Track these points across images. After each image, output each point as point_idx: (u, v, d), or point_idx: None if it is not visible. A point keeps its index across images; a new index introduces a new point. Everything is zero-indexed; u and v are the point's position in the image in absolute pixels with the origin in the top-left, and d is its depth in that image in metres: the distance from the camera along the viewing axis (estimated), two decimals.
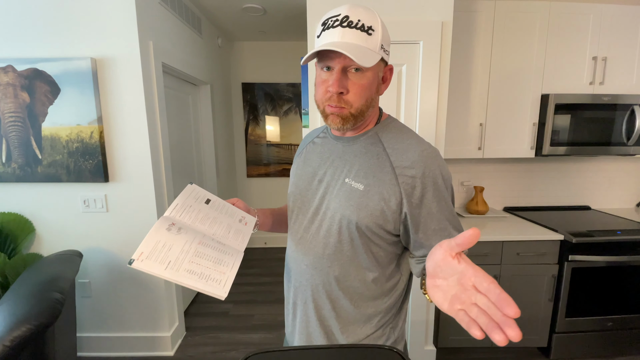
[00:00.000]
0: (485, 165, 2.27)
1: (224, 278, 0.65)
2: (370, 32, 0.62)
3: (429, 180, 0.65)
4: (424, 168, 0.65)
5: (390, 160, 0.68)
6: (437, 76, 1.56)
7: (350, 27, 0.61)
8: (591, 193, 2.36)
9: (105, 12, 1.61)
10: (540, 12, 1.84)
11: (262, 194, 3.71)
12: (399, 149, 0.68)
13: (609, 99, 1.88)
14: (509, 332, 0.36)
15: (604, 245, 1.75)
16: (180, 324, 2.11)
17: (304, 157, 0.84)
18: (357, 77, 0.64)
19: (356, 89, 0.65)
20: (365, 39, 0.62)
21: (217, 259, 0.67)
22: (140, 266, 0.60)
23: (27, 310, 1.16)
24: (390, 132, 0.72)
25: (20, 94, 1.63)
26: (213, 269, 0.65)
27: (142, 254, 0.61)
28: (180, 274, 0.62)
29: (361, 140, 0.73)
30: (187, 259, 0.64)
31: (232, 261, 0.69)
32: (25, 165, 1.70)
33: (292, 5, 2.41)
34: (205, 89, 2.72)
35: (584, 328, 1.84)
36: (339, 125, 0.68)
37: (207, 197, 0.80)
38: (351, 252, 0.71)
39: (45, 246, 1.84)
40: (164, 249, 0.64)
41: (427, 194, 0.65)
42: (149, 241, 0.64)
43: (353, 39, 0.61)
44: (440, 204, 0.66)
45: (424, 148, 0.67)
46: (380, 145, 0.71)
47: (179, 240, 0.66)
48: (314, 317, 0.76)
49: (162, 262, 0.62)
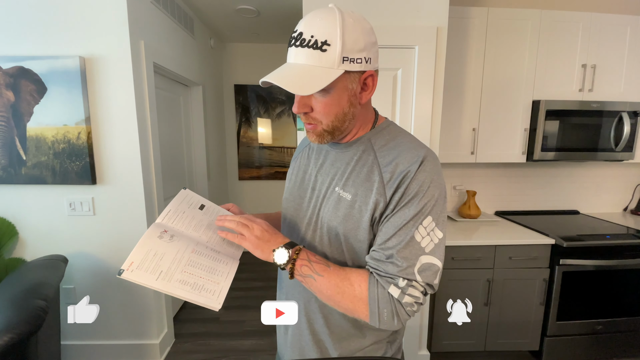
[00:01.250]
0: (477, 169, 2.29)
1: (218, 289, 0.62)
2: (324, 49, 0.56)
3: (416, 187, 0.60)
4: (413, 176, 0.61)
5: (380, 169, 0.64)
6: (432, 81, 1.56)
7: (302, 47, 0.58)
8: (580, 198, 2.40)
9: (96, 10, 1.57)
10: (532, 19, 1.87)
11: (254, 197, 3.67)
12: (390, 156, 0.65)
13: (597, 105, 1.92)
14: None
15: (594, 249, 1.77)
16: (169, 331, 2.06)
17: (299, 163, 0.82)
18: (320, 95, 0.61)
19: (320, 107, 0.62)
20: (318, 58, 0.57)
21: (211, 268, 0.64)
22: (131, 277, 0.57)
23: (9, 318, 1.10)
24: (383, 138, 0.69)
25: (4, 92, 1.57)
26: (207, 278, 0.62)
27: (132, 263, 0.59)
28: (172, 285, 0.59)
29: (353, 147, 0.70)
30: (180, 269, 0.61)
31: (226, 270, 0.66)
32: (9, 167, 1.64)
33: (286, 8, 2.40)
34: (197, 90, 2.68)
35: (574, 331, 1.86)
36: (315, 141, 0.67)
37: (201, 203, 0.77)
38: (342, 265, 0.68)
39: (29, 250, 1.77)
40: (156, 258, 0.61)
41: (409, 204, 0.60)
42: (139, 250, 0.61)
43: (304, 59, 0.58)
44: (416, 214, 0.60)
45: (416, 153, 0.63)
46: (372, 152, 0.67)
47: (171, 249, 0.63)
48: (306, 331, 0.74)
49: (154, 272, 0.59)
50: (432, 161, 0.63)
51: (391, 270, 0.60)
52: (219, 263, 0.66)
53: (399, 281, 0.59)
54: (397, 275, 0.59)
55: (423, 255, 0.60)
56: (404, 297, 0.59)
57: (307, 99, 0.62)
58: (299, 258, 0.63)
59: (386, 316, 0.60)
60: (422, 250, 0.60)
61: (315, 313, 0.72)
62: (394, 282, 0.59)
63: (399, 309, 0.59)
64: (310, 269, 0.63)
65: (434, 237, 0.61)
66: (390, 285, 0.59)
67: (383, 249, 0.61)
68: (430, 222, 0.61)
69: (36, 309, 1.17)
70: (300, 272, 0.63)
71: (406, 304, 0.59)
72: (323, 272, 0.62)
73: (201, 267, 0.64)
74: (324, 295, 0.63)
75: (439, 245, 0.61)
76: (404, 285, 0.59)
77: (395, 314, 0.59)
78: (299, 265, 0.63)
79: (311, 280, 0.63)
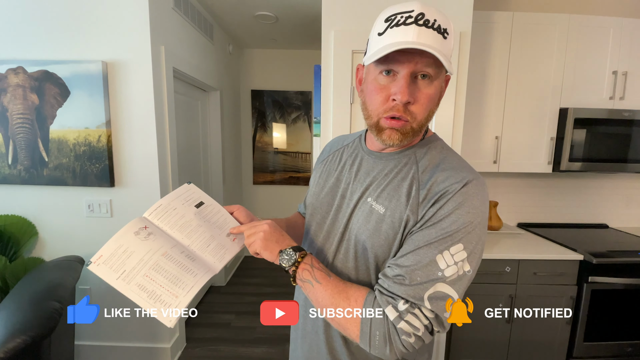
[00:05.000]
0: (499, 179, 2.20)
1: (175, 303, 0.56)
2: (445, 35, 0.53)
3: (451, 208, 0.54)
4: (451, 197, 0.54)
5: (418, 185, 0.59)
6: (454, 87, 1.51)
7: (427, 27, 0.52)
8: (609, 211, 2.28)
9: (119, 16, 1.60)
10: (559, 24, 1.79)
11: (267, 202, 3.67)
12: (432, 174, 0.59)
13: (629, 114, 1.82)
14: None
15: (624, 266, 1.67)
16: (180, 335, 2.05)
17: (328, 167, 0.78)
18: (426, 85, 0.56)
19: (424, 98, 0.56)
20: (441, 43, 0.53)
21: (176, 277, 0.58)
22: (96, 270, 0.54)
23: (24, 320, 1.11)
24: (430, 153, 0.63)
25: (29, 95, 1.61)
26: (166, 288, 0.57)
27: (100, 257, 0.56)
28: (130, 288, 0.55)
29: (396, 157, 0.65)
30: (143, 272, 0.57)
31: (191, 283, 0.59)
32: (31, 168, 1.67)
33: (305, 14, 2.40)
34: (214, 95, 2.70)
35: (602, 353, 1.75)
36: (396, 142, 0.59)
37: (200, 200, 0.71)
38: (367, 282, 0.64)
39: (47, 250, 1.80)
40: (124, 255, 0.57)
41: (437, 224, 0.54)
42: (111, 244, 0.58)
43: (430, 41, 0.52)
44: (443, 236, 0.53)
45: (462, 175, 0.56)
46: (414, 166, 0.62)
47: (142, 248, 0.59)
48: (324, 349, 0.69)
49: (117, 270, 0.55)
50: (478, 186, 0.56)
51: (395, 289, 0.54)
52: (187, 273, 0.59)
53: (400, 303, 0.53)
54: (400, 296, 0.53)
55: (441, 283, 0.52)
56: (400, 322, 0.52)
57: (413, 88, 0.55)
58: (303, 262, 0.60)
59: (377, 340, 0.53)
60: (442, 278, 0.52)
61: (335, 331, 0.68)
62: (393, 303, 0.53)
63: (392, 334, 0.52)
64: (310, 274, 0.59)
65: (460, 269, 0.53)
66: (388, 305, 0.53)
67: (396, 265, 0.56)
68: (460, 250, 0.53)
69: (51, 310, 1.17)
70: (300, 276, 0.60)
71: (401, 330, 0.52)
72: (322, 279, 0.59)
73: (165, 274, 0.58)
74: (319, 304, 0.59)
75: (463, 279, 0.53)
76: (403, 309, 0.52)
77: (388, 339, 0.52)
78: (301, 269, 0.60)
79: (309, 286, 0.59)
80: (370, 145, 0.71)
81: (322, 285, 0.58)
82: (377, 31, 0.57)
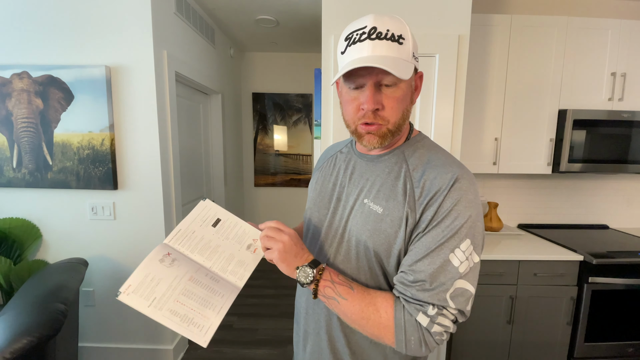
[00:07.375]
0: (499, 180, 2.21)
1: (207, 324, 0.59)
2: (401, 42, 0.57)
3: (449, 206, 0.58)
4: (446, 194, 0.58)
5: (412, 183, 0.62)
6: (452, 90, 1.53)
7: (380, 39, 0.57)
8: (609, 212, 2.28)
9: (122, 21, 1.62)
10: (558, 26, 1.81)
11: (268, 204, 3.68)
12: (423, 171, 0.63)
13: (628, 115, 1.83)
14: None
15: (625, 267, 1.67)
16: (182, 337, 2.06)
17: (324, 173, 0.80)
18: (391, 91, 0.60)
19: (392, 103, 0.60)
20: (397, 50, 0.57)
21: (205, 300, 0.61)
22: (126, 300, 0.56)
23: (30, 321, 1.12)
24: (417, 152, 0.67)
25: (34, 100, 1.64)
26: (198, 311, 0.60)
27: (129, 286, 0.58)
28: (162, 314, 0.57)
29: (386, 159, 0.68)
30: (173, 297, 0.59)
31: (220, 304, 0.62)
32: (36, 171, 1.70)
33: (305, 18, 2.42)
34: (216, 98, 2.72)
35: (603, 354, 1.75)
36: (376, 144, 0.63)
37: (217, 217, 0.73)
38: (369, 282, 0.66)
39: (51, 253, 1.82)
40: (152, 283, 0.59)
41: (441, 224, 0.58)
42: (139, 273, 0.60)
43: (385, 51, 0.57)
44: (451, 236, 0.57)
45: (451, 170, 0.60)
46: (404, 165, 0.65)
47: (169, 275, 0.61)
48: (327, 350, 0.71)
49: (147, 298, 0.58)
50: (467, 180, 0.60)
51: (420, 296, 0.57)
52: (215, 295, 0.63)
53: (429, 309, 0.56)
54: (427, 302, 0.56)
55: (459, 280, 0.56)
56: (433, 326, 0.56)
57: (379, 96, 0.60)
58: (322, 279, 0.61)
59: (413, 343, 0.57)
60: (459, 274, 0.56)
61: (337, 331, 0.70)
62: (422, 310, 0.57)
63: (427, 337, 0.57)
64: (333, 290, 0.61)
65: (470, 261, 0.57)
66: (418, 313, 0.57)
67: (413, 271, 0.58)
68: (468, 245, 0.57)
69: (56, 312, 1.19)
70: (323, 293, 0.61)
71: (435, 333, 0.57)
72: (347, 295, 0.60)
73: (195, 297, 0.61)
74: (348, 319, 0.61)
75: (474, 270, 0.58)
76: (433, 313, 0.56)
77: (423, 342, 0.57)
78: (322, 286, 0.61)
79: (334, 303, 0.61)
80: (360, 148, 0.74)
81: (349, 302, 0.60)
82: (340, 50, 0.63)
